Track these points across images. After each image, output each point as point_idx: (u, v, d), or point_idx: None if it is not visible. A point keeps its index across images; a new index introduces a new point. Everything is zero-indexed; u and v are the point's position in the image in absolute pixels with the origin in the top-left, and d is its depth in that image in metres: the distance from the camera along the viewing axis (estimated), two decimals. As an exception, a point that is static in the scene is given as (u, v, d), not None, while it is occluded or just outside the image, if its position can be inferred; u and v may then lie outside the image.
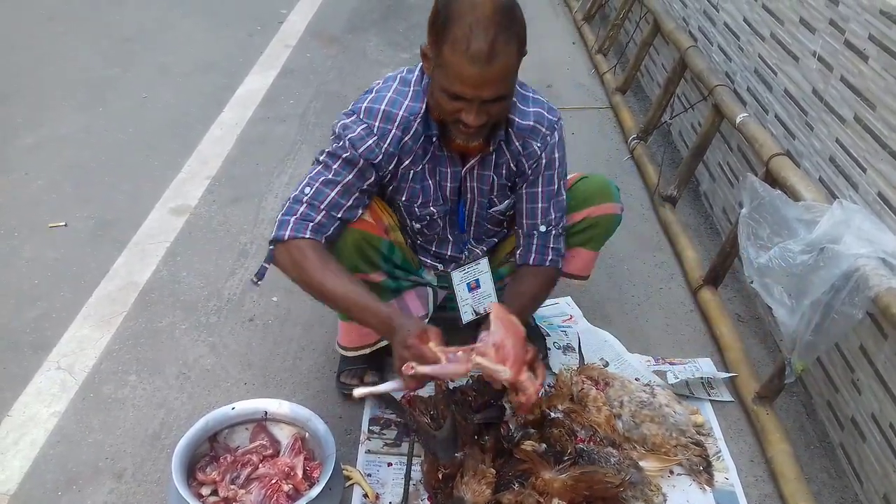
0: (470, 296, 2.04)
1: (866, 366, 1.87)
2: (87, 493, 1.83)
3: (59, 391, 2.11)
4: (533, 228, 1.95)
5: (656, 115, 3.51)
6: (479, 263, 2.03)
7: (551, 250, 1.97)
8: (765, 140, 2.33)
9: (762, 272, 1.85)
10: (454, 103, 1.62)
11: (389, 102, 1.76)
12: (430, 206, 1.91)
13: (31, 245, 2.74)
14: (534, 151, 1.87)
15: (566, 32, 5.27)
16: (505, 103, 1.68)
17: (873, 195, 1.91)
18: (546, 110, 1.88)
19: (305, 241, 1.73)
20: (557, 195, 1.95)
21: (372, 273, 1.89)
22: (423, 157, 1.83)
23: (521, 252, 1.98)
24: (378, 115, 1.75)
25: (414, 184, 1.87)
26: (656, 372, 2.22)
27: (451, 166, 1.87)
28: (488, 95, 1.60)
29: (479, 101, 1.60)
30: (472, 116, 1.62)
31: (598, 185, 2.06)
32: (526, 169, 1.89)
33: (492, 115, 1.66)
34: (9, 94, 3.93)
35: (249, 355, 2.26)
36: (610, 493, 1.74)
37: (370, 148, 1.75)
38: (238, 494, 1.69)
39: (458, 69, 1.56)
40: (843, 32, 2.11)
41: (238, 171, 3.29)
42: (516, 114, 1.84)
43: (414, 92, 1.78)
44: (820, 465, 2.01)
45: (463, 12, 1.54)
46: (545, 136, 1.87)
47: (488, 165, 1.88)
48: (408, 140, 1.78)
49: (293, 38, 4.85)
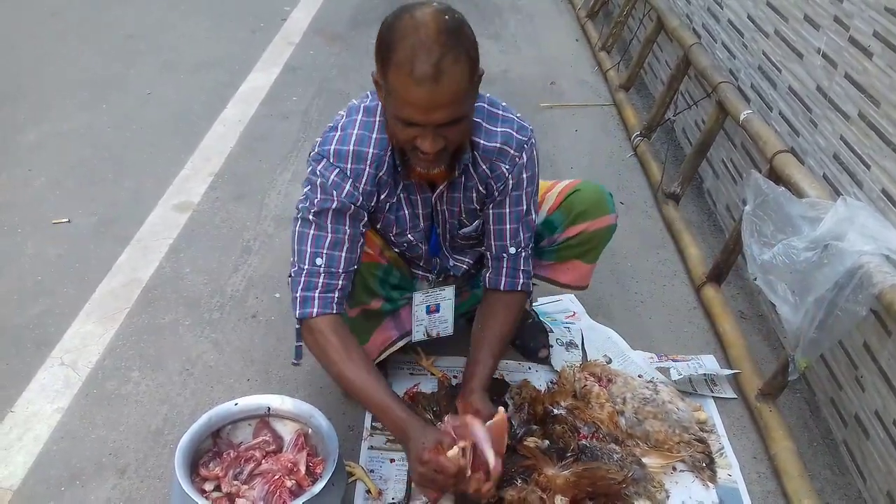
0: (427, 318, 2.03)
1: (870, 363, 1.87)
2: (90, 488, 1.83)
3: (62, 387, 2.11)
4: (502, 251, 1.89)
5: (660, 112, 3.50)
6: (444, 290, 2.01)
7: (522, 273, 1.92)
8: (769, 137, 2.32)
9: (766, 269, 1.85)
10: (408, 130, 1.56)
11: (357, 141, 1.71)
12: (406, 234, 1.88)
13: (34, 242, 2.74)
14: (501, 174, 1.80)
15: (569, 29, 5.26)
16: (462, 125, 1.60)
17: (877, 192, 1.90)
18: (516, 129, 1.78)
19: (328, 322, 1.71)
20: (526, 215, 1.87)
21: (372, 301, 1.89)
22: (395, 187, 1.79)
23: (490, 275, 1.93)
24: (348, 157, 1.70)
25: (389, 214, 1.83)
26: (659, 369, 2.22)
27: (420, 193, 1.82)
28: (440, 119, 1.51)
29: (432, 126, 1.53)
30: (428, 143, 1.54)
31: (592, 198, 2.01)
32: (494, 190, 1.83)
33: (450, 140, 1.58)
34: (11, 91, 3.93)
35: (252, 352, 2.26)
36: (613, 489, 1.74)
37: (349, 193, 1.70)
38: (241, 490, 1.69)
39: (405, 94, 1.48)
40: (847, 29, 2.10)
41: (241, 168, 3.29)
42: (482, 136, 1.76)
43: (380, 123, 1.72)
44: (823, 462, 2.01)
45: (406, 34, 1.47)
46: (513, 158, 1.79)
47: (457, 188, 1.82)
48: (382, 175, 1.74)
49: (296, 36, 4.85)
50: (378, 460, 1.92)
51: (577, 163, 3.46)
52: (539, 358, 2.26)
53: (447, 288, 2.02)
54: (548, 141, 3.60)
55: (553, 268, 2.09)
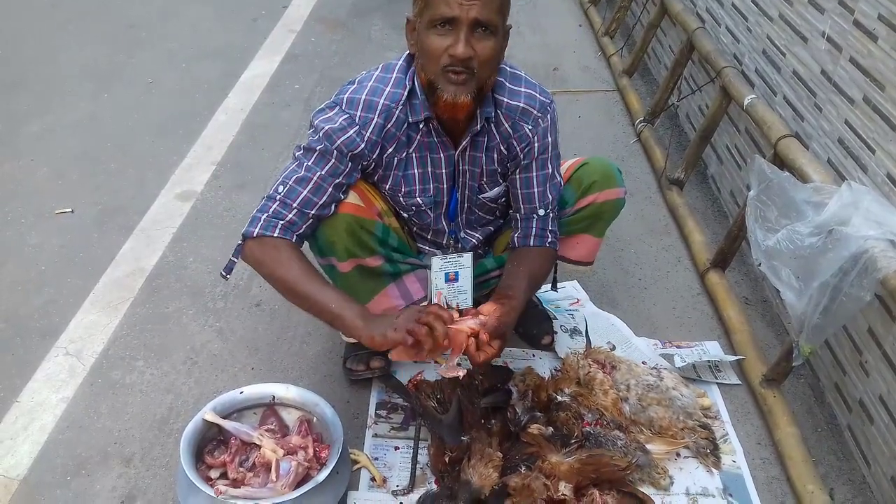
0: (445, 286, 2.01)
1: (874, 348, 1.87)
2: (95, 477, 1.84)
3: (67, 377, 2.12)
4: (532, 212, 1.94)
5: (663, 97, 3.49)
6: (463, 257, 1.99)
7: (550, 233, 1.96)
8: (773, 122, 2.31)
9: (770, 255, 1.84)
10: (442, 39, 1.62)
11: (370, 91, 1.76)
12: (415, 196, 1.89)
13: (37, 231, 2.74)
14: (525, 134, 1.85)
15: (572, 15, 5.23)
16: (492, 42, 1.65)
17: (882, 177, 1.89)
18: (538, 92, 1.85)
19: (279, 241, 1.74)
20: (552, 178, 1.93)
21: (368, 257, 1.87)
22: (406, 144, 1.81)
23: (519, 235, 1.97)
24: (359, 105, 1.75)
25: (397, 172, 1.85)
26: (663, 355, 2.22)
27: (443, 151, 1.84)
28: (475, 13, 1.59)
29: (467, 22, 1.59)
30: (461, 46, 1.60)
31: (601, 170, 2.02)
32: (518, 153, 1.87)
33: (478, 54, 1.63)
34: (14, 81, 3.93)
35: (256, 340, 2.26)
36: (617, 475, 1.74)
37: (351, 138, 1.74)
38: (247, 477, 1.70)
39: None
40: (852, 12, 2.09)
41: (243, 156, 3.28)
42: (506, 94, 1.82)
43: (396, 79, 1.77)
44: (827, 448, 2.01)
45: None
46: (537, 119, 1.84)
47: (479, 147, 1.85)
48: (390, 128, 1.77)
49: (297, 23, 4.83)
50: (382, 448, 1.93)
51: (580, 149, 3.44)
52: (543, 345, 2.26)
53: (465, 255, 1.99)
54: (551, 127, 3.58)
55: (562, 242, 2.08)
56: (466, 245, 2.04)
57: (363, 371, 2.08)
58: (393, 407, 2.04)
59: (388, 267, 1.93)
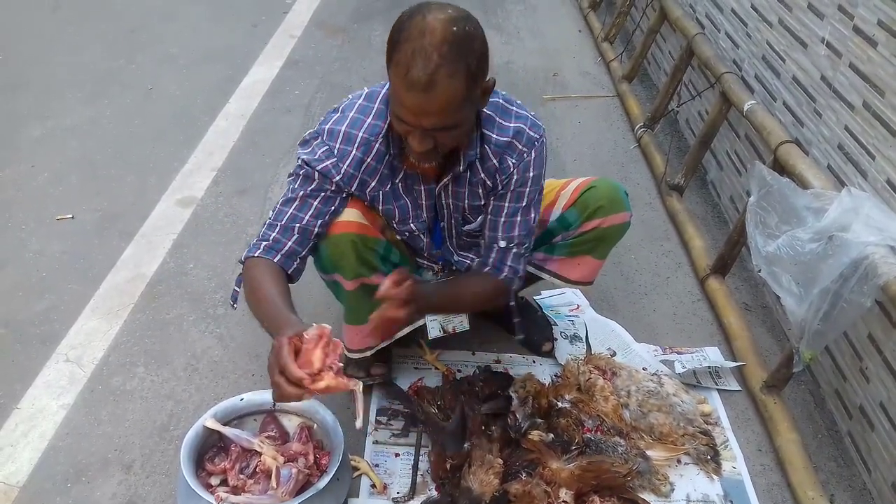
0: None
1: (875, 354, 1.87)
2: (96, 484, 1.84)
3: (67, 383, 2.12)
4: (493, 241, 1.89)
5: (663, 103, 3.49)
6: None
7: (508, 268, 1.90)
8: (773, 128, 2.31)
9: (770, 261, 1.84)
10: (401, 125, 1.58)
11: (351, 123, 1.74)
12: (408, 223, 1.88)
13: (38, 237, 2.74)
14: (507, 167, 1.80)
15: (572, 20, 5.24)
16: (455, 132, 1.60)
17: (882, 182, 1.90)
18: (528, 126, 1.79)
19: (257, 260, 1.73)
20: (525, 214, 1.86)
21: (372, 276, 1.86)
22: (391, 176, 1.79)
23: (479, 259, 1.94)
24: (339, 137, 1.73)
25: (387, 204, 1.84)
26: (663, 361, 2.22)
27: (424, 184, 1.83)
28: (428, 125, 1.53)
29: (421, 128, 1.55)
30: (416, 142, 1.57)
31: (608, 195, 1.99)
32: (499, 183, 1.83)
33: (440, 143, 1.59)
34: (15, 85, 3.93)
35: (257, 346, 2.26)
36: (617, 482, 1.74)
37: (327, 168, 1.73)
38: (247, 484, 1.70)
39: (399, 94, 1.51)
40: (851, 18, 2.09)
41: (244, 162, 3.28)
42: (494, 130, 1.77)
43: (378, 110, 1.74)
44: (828, 454, 2.01)
45: (411, 37, 1.47)
46: (521, 153, 1.79)
47: (462, 183, 1.83)
48: (370, 161, 1.75)
49: (298, 29, 4.83)
50: (383, 455, 1.93)
51: (580, 155, 3.46)
52: (543, 351, 2.26)
53: None
54: (551, 133, 3.58)
55: (563, 263, 2.08)
56: (462, 266, 2.03)
57: (363, 378, 2.07)
58: (393, 413, 2.04)
59: None
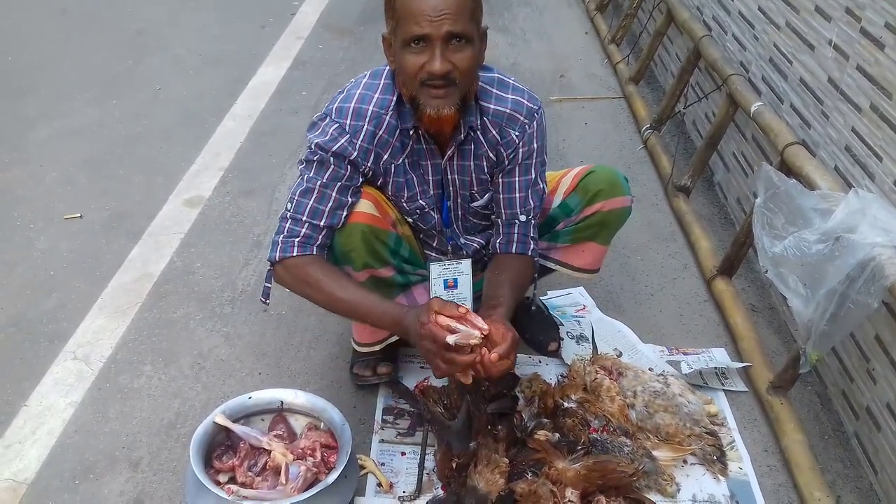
0: (444, 293, 2.00)
1: (881, 355, 1.86)
2: (103, 481, 1.85)
3: (75, 381, 2.13)
4: (513, 218, 1.93)
5: (670, 104, 3.49)
6: (462, 263, 1.99)
7: (531, 240, 1.95)
8: (780, 129, 2.31)
9: (777, 262, 1.84)
10: (417, 57, 1.61)
11: (359, 99, 1.76)
12: (417, 199, 1.89)
13: (46, 237, 2.76)
14: (511, 140, 1.84)
15: (579, 22, 5.25)
16: (468, 52, 1.64)
17: (889, 184, 1.90)
18: (526, 98, 1.84)
19: (301, 259, 1.76)
20: (535, 185, 1.91)
21: (381, 268, 1.88)
22: (401, 150, 1.81)
23: (500, 241, 1.95)
24: (348, 113, 1.75)
25: (397, 177, 1.85)
26: (670, 362, 2.22)
27: (430, 159, 1.85)
28: (447, 27, 1.57)
29: (441, 38, 1.58)
30: (437, 62, 1.60)
31: (607, 179, 2.02)
32: (505, 158, 1.86)
33: (456, 66, 1.62)
34: (23, 87, 3.95)
35: (263, 345, 2.27)
36: (623, 482, 1.74)
37: (343, 146, 1.74)
38: (255, 481, 1.70)
39: (412, 7, 1.56)
40: (858, 20, 2.09)
41: (251, 162, 3.30)
42: (492, 100, 1.81)
43: (384, 85, 1.77)
44: (834, 455, 2.01)
45: None
46: (523, 125, 1.83)
47: (467, 156, 1.85)
48: (382, 134, 1.77)
49: (305, 30, 4.85)
50: (389, 454, 1.93)
51: (586, 156, 3.46)
52: (549, 351, 2.26)
53: (464, 261, 1.99)
54: (557, 134, 3.60)
55: (567, 250, 2.09)
56: (469, 250, 2.04)
57: (370, 377, 2.08)
58: (399, 412, 2.04)
59: (399, 278, 1.94)
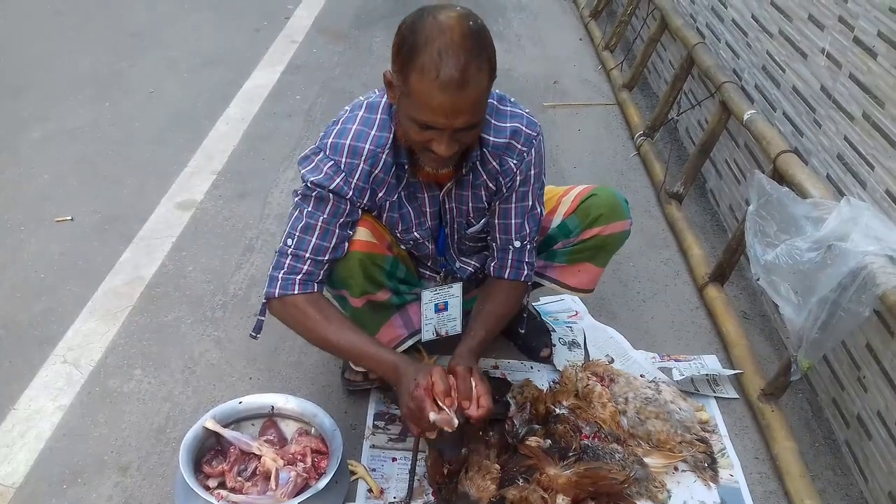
0: (435, 316, 2.02)
1: (873, 364, 1.87)
2: (92, 486, 1.83)
3: (64, 385, 2.12)
4: (507, 244, 1.91)
5: (663, 111, 3.50)
6: (452, 287, 2.01)
7: (526, 265, 1.94)
8: (772, 137, 2.32)
9: (769, 269, 1.85)
10: (424, 133, 1.56)
11: (355, 136, 1.71)
12: (412, 231, 1.88)
13: (37, 239, 2.74)
14: (510, 168, 1.81)
15: (573, 29, 5.26)
16: (477, 130, 1.63)
17: (881, 192, 1.90)
18: (525, 125, 1.79)
19: (301, 298, 1.74)
20: (531, 210, 1.89)
21: (378, 292, 1.88)
22: (397, 185, 1.79)
23: (495, 265, 1.95)
24: (344, 151, 1.71)
25: (392, 213, 1.83)
26: (661, 368, 2.22)
27: (427, 192, 1.83)
28: (460, 124, 1.53)
29: (451, 130, 1.54)
30: (444, 146, 1.56)
31: (608, 203, 2.01)
32: (503, 186, 1.84)
33: (463, 143, 1.60)
34: (16, 87, 3.93)
35: (254, 350, 2.26)
36: (614, 489, 1.74)
37: (339, 185, 1.72)
38: (245, 486, 1.69)
39: (428, 98, 1.48)
40: (851, 29, 2.10)
41: (244, 166, 3.29)
42: (491, 132, 1.76)
43: (381, 121, 1.72)
44: (825, 463, 2.01)
45: (431, 38, 1.46)
46: (521, 153, 1.80)
47: (465, 186, 1.83)
48: (378, 173, 1.74)
49: (300, 34, 4.85)
50: (380, 459, 1.92)
51: (579, 162, 3.46)
52: (541, 357, 2.26)
53: (455, 285, 2.01)
54: (551, 140, 3.59)
55: (563, 270, 2.09)
56: (463, 274, 2.04)
57: (361, 381, 2.08)
58: (391, 418, 2.03)
59: (395, 299, 1.95)
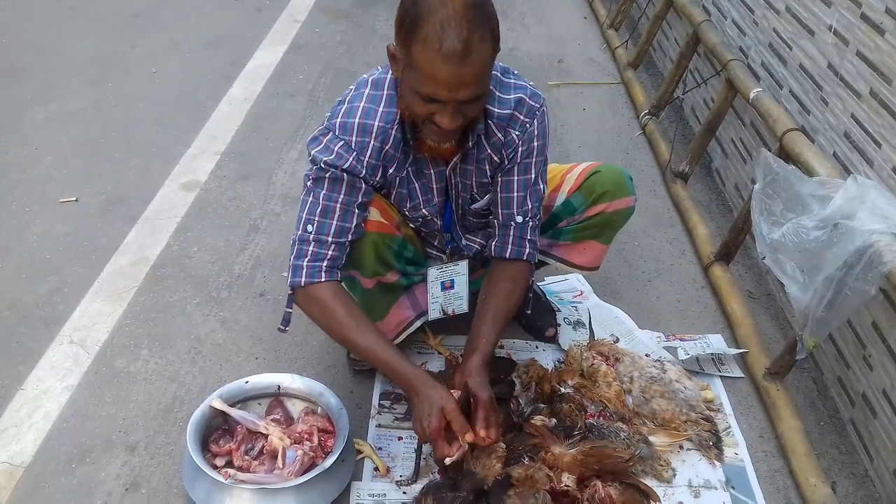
0: (442, 294, 2.01)
1: (878, 342, 1.87)
2: (100, 465, 1.85)
3: (71, 365, 2.13)
4: (509, 219, 1.89)
5: (668, 90, 3.48)
6: (458, 265, 2.00)
7: (528, 242, 1.91)
8: (779, 115, 2.30)
9: (775, 248, 1.84)
10: (427, 106, 1.55)
11: (363, 114, 1.70)
12: (421, 208, 1.87)
13: (42, 220, 2.75)
14: (512, 139, 1.79)
15: (577, 7, 5.22)
16: (480, 102, 1.62)
17: (888, 170, 1.89)
18: (528, 96, 1.78)
19: (325, 288, 1.73)
20: (534, 185, 1.86)
21: (388, 274, 1.87)
22: (405, 161, 1.78)
23: (496, 244, 1.92)
24: (354, 130, 1.70)
25: (401, 189, 1.83)
26: (667, 348, 2.22)
27: (434, 167, 1.82)
28: (464, 96, 1.52)
29: (455, 102, 1.53)
30: (447, 119, 1.55)
31: (613, 179, 2.00)
32: (505, 158, 1.82)
33: (467, 116, 1.59)
34: (19, 69, 3.92)
35: (260, 330, 2.27)
36: (619, 467, 1.74)
37: (352, 164, 1.70)
38: (252, 465, 1.70)
39: (431, 70, 1.47)
40: (859, 6, 2.08)
41: (247, 146, 3.28)
42: (495, 104, 1.75)
43: (388, 97, 1.71)
44: (830, 441, 2.01)
45: (433, 9, 1.45)
46: (524, 124, 1.79)
47: (470, 160, 1.82)
48: (388, 149, 1.73)
49: (302, 13, 4.82)
50: (386, 438, 1.93)
51: (584, 141, 3.45)
52: (546, 337, 2.26)
53: (461, 263, 2.00)
54: (556, 119, 3.58)
55: (568, 248, 2.09)
56: (470, 252, 2.04)
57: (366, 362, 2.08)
58: (396, 397, 2.04)
59: (403, 280, 1.95)
